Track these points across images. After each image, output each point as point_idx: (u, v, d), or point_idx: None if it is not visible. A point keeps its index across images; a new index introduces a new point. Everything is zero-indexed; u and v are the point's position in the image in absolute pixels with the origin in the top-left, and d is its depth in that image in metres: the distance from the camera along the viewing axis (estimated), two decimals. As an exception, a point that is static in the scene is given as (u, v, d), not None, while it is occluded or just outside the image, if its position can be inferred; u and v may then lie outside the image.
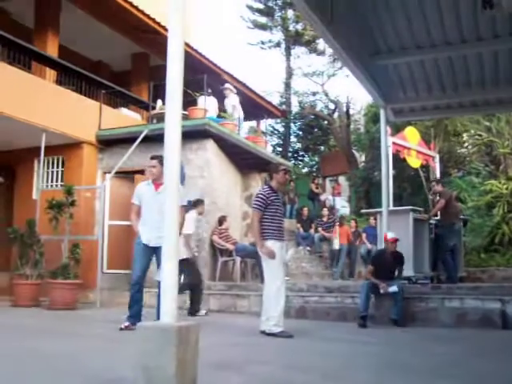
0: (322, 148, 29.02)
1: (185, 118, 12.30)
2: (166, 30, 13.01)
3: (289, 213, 18.37)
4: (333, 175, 24.46)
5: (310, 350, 6.18)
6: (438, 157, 13.60)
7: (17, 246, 10.63)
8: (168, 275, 3.51)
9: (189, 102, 11.76)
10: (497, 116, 14.09)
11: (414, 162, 13.02)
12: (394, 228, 9.81)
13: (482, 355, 5.79)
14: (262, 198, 7.00)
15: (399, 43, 8.26)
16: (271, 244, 6.90)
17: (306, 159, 30.20)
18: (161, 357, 3.26)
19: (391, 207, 10.76)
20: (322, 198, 20.37)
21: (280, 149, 28.57)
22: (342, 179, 24.09)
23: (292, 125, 29.37)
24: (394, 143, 11.72)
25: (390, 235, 8.74)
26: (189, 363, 3.34)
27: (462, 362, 5.42)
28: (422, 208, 11.58)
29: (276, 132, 29.60)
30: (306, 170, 28.97)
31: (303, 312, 9.02)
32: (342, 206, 22.04)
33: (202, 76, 12.25)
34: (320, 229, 15.71)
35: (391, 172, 11.39)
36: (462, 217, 11.62)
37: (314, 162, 29.18)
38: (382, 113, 10.03)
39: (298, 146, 29.97)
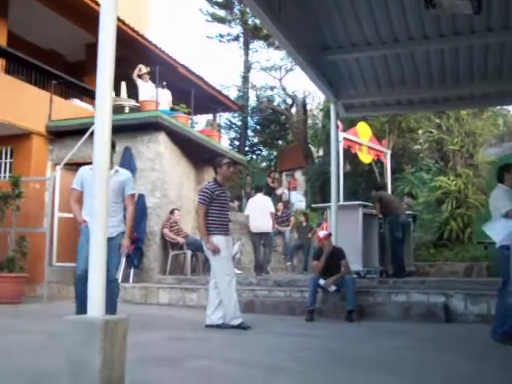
0: (280, 142, 29.11)
1: (136, 110, 12.24)
2: (121, 21, 12.83)
3: (245, 207, 18.36)
4: (289, 169, 24.58)
5: (255, 343, 6.19)
6: (389, 153, 13.71)
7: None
8: (96, 266, 3.42)
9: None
10: (447, 113, 14.31)
11: (366, 157, 13.12)
12: (343, 222, 9.92)
13: (426, 348, 5.88)
14: (206, 193, 7.06)
15: (348, 39, 8.29)
16: (216, 239, 6.94)
17: (264, 153, 30.27)
18: (86, 351, 3.20)
19: (342, 202, 10.84)
20: (279, 192, 20.44)
21: (237, 143, 28.55)
22: (298, 174, 24.21)
23: (250, 119, 29.36)
24: (345, 138, 11.80)
25: (321, 233, 8.85)
26: (116, 358, 3.29)
27: (407, 355, 5.50)
28: (375, 203, 11.69)
29: (234, 126, 29.57)
30: (264, 164, 29.04)
31: (252, 305, 9.02)
32: (299, 201, 22.19)
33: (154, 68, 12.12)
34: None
35: (342, 167, 11.47)
36: (411, 212, 11.82)
37: (272, 157, 29.27)
38: (332, 108, 10.07)
39: (256, 140, 30.00)
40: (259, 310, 8.96)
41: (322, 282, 8.35)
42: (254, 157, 29.27)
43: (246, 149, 28.34)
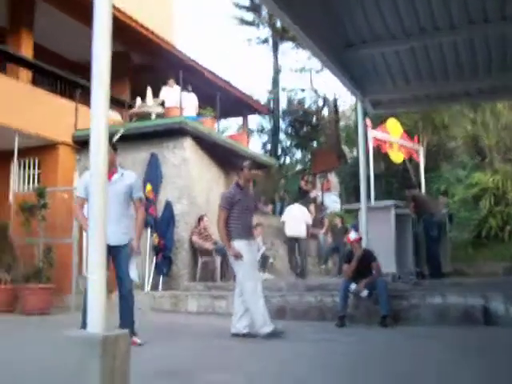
0: (314, 144, 28.68)
1: (161, 116, 12.13)
2: (145, 29, 12.78)
3: (279, 210, 18.16)
4: (323, 171, 24.19)
5: (282, 352, 5.97)
6: (421, 150, 13.23)
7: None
8: (96, 279, 3.21)
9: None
10: (481, 107, 13.84)
11: (397, 155, 12.66)
12: (375, 224, 9.56)
13: (459, 356, 5.49)
14: (227, 197, 6.92)
15: (372, 33, 7.91)
16: (237, 244, 6.72)
17: (298, 155, 29.84)
18: (84, 369, 2.99)
19: (373, 203, 10.50)
20: (312, 195, 20.09)
21: (270, 146, 28.24)
22: (332, 175, 23.83)
23: (281, 121, 29.00)
24: (374, 137, 11.41)
25: (352, 236, 8.45)
26: (117, 375, 3.07)
27: (438, 363, 5.18)
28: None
29: (265, 129, 29.27)
30: (299, 166, 28.61)
31: (282, 312, 8.74)
32: (334, 202, 21.80)
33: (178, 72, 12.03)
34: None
35: (372, 167, 11.12)
36: (446, 211, 11.38)
37: (306, 159, 28.84)
38: (358, 105, 9.76)
39: (288, 142, 29.61)
40: (290, 316, 8.70)
41: (353, 286, 8.04)
42: (288, 160, 28.88)
43: (279, 152, 27.99)
